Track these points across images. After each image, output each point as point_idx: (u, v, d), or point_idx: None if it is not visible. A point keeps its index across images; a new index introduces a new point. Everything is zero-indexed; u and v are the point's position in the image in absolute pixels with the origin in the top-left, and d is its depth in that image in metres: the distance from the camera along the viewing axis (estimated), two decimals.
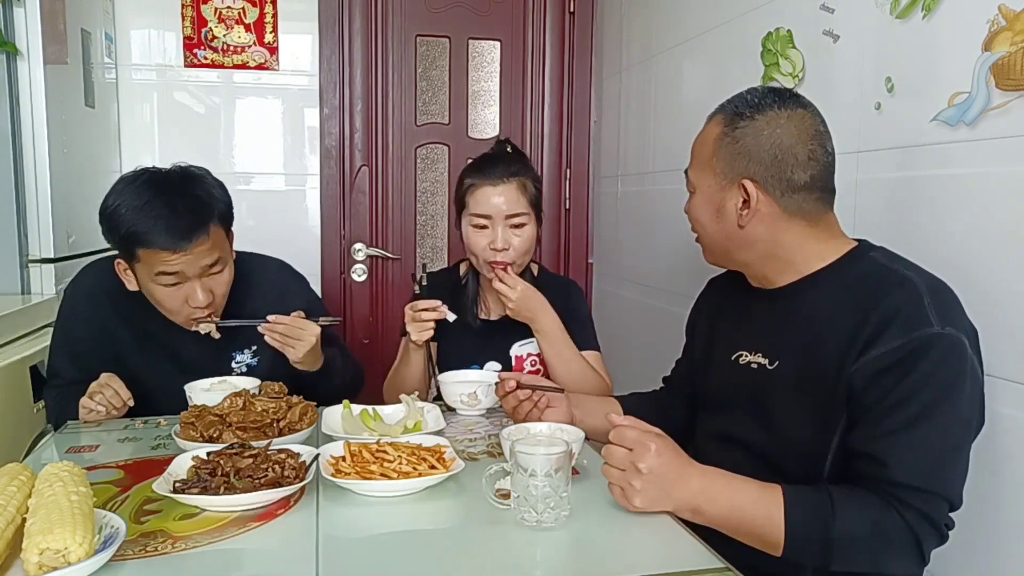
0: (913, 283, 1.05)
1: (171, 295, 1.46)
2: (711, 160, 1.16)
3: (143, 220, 1.38)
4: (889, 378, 1.01)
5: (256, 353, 1.63)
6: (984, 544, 1.19)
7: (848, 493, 1.02)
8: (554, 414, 1.33)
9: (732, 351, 1.25)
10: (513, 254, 1.61)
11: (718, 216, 1.17)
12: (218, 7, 2.62)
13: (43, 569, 0.80)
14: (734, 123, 1.14)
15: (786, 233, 1.14)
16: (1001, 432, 1.15)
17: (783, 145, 1.11)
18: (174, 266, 1.41)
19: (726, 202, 1.16)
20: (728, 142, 1.14)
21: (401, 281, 2.84)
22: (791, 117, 1.12)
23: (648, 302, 2.41)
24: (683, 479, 1.03)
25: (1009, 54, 1.14)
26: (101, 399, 1.44)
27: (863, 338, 1.03)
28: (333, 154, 2.76)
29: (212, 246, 1.44)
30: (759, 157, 1.12)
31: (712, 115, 1.20)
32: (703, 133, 1.20)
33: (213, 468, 1.07)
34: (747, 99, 1.15)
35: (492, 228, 1.61)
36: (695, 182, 1.21)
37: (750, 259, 1.20)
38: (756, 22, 1.80)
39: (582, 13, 2.86)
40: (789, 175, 1.11)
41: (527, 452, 0.99)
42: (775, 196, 1.12)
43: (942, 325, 1.00)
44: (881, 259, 1.12)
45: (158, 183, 1.43)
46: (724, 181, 1.15)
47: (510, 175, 1.61)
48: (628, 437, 1.03)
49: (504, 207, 1.60)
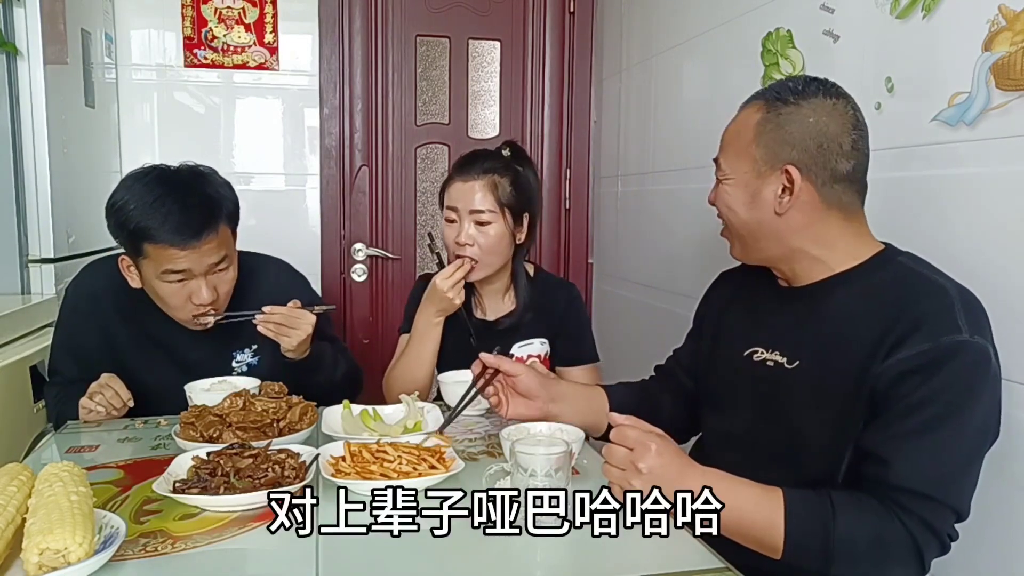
0: (945, 290, 1.04)
1: (175, 292, 1.46)
2: (750, 146, 1.13)
3: (153, 216, 1.38)
4: (912, 381, 1.00)
5: (257, 352, 1.63)
6: (990, 552, 1.19)
7: (849, 498, 1.02)
8: (524, 407, 1.29)
9: (745, 347, 1.23)
10: (477, 251, 1.62)
11: (753, 203, 1.14)
12: (218, 7, 2.62)
13: (43, 569, 0.80)
14: (777, 109, 1.11)
15: (822, 225, 1.12)
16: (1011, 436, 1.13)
17: (828, 133, 1.09)
18: (182, 263, 1.41)
19: (763, 189, 1.12)
20: (771, 128, 1.11)
21: (401, 281, 2.84)
22: (835, 106, 1.10)
23: (648, 302, 2.40)
24: (683, 480, 1.02)
25: (1009, 54, 1.14)
26: (101, 399, 1.44)
27: (890, 341, 1.02)
28: (333, 154, 2.76)
29: (219, 244, 1.45)
30: (804, 144, 1.09)
31: (748, 102, 1.17)
32: (739, 120, 1.17)
33: (213, 468, 1.07)
34: (789, 86, 1.13)
35: (459, 222, 1.63)
36: (728, 169, 1.17)
37: (782, 252, 1.16)
38: (756, 22, 1.79)
39: (582, 13, 2.86)
40: (833, 164, 1.09)
41: (527, 452, 0.99)
42: (816, 185, 1.10)
43: (971, 333, 0.99)
44: (910, 264, 1.11)
45: (168, 180, 1.44)
46: (764, 167, 1.12)
47: (483, 172, 1.62)
48: (629, 437, 1.03)
49: (470, 202, 1.61)
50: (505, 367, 1.30)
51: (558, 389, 1.34)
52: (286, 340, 1.50)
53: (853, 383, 1.06)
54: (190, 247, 1.40)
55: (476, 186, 1.62)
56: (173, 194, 1.40)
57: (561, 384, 1.38)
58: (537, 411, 1.30)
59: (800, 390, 1.13)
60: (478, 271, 1.64)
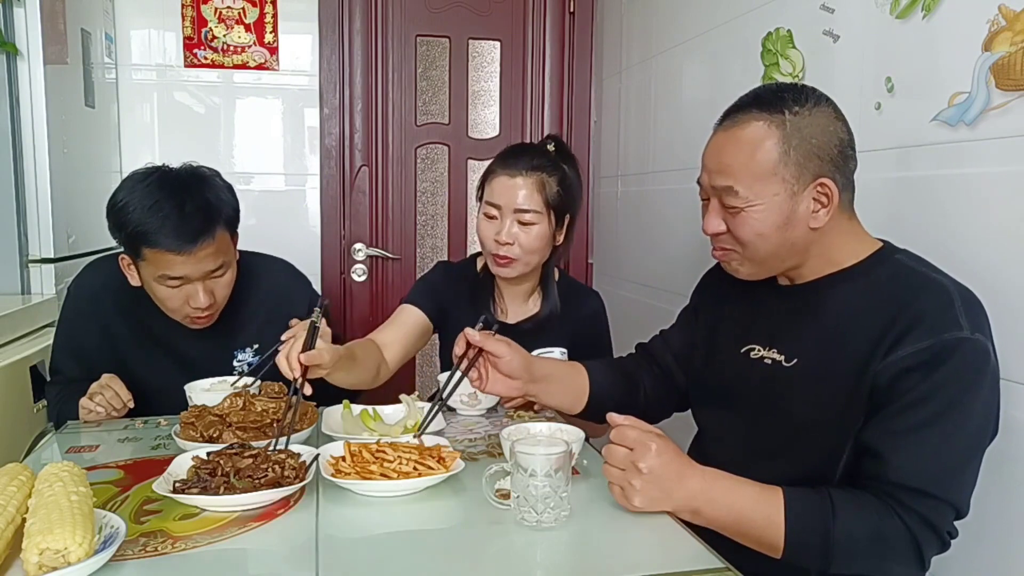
0: (945, 287, 1.04)
1: (172, 296, 1.46)
2: (776, 167, 1.07)
3: (151, 220, 1.39)
4: (912, 378, 1.00)
5: (258, 352, 1.63)
6: (989, 550, 1.19)
7: (849, 496, 1.02)
8: (499, 386, 1.26)
9: (742, 345, 1.23)
10: (518, 250, 1.56)
11: (787, 224, 1.09)
12: (218, 7, 2.62)
13: (43, 569, 0.80)
14: (792, 123, 1.07)
15: (835, 227, 1.12)
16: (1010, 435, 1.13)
17: (843, 137, 1.09)
18: (178, 269, 1.42)
19: (798, 207, 1.09)
20: (796, 144, 1.07)
21: (401, 281, 2.84)
22: (834, 109, 1.10)
23: (648, 302, 2.40)
24: (683, 480, 1.02)
25: (1009, 54, 1.14)
26: (101, 400, 1.44)
27: (891, 338, 1.02)
28: (333, 154, 2.76)
29: (217, 250, 1.45)
30: (829, 153, 1.07)
31: (744, 120, 1.10)
32: (747, 142, 1.09)
33: (213, 468, 1.07)
34: (785, 97, 1.09)
35: (501, 219, 1.56)
36: (751, 195, 1.09)
37: (801, 260, 1.15)
38: (756, 22, 1.80)
39: (582, 13, 2.86)
40: (851, 167, 1.10)
41: (527, 452, 0.99)
42: (841, 190, 1.09)
43: (971, 331, 0.99)
44: (909, 261, 1.11)
45: (168, 183, 1.43)
46: (796, 186, 1.08)
47: (531, 169, 1.55)
48: (629, 436, 1.03)
49: (515, 200, 1.55)
50: (489, 346, 1.22)
51: (540, 370, 1.31)
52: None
53: (853, 380, 1.05)
54: (186, 252, 1.40)
55: (523, 183, 1.54)
56: (172, 199, 1.40)
57: (544, 364, 1.35)
58: (515, 390, 1.27)
59: (798, 388, 1.13)
60: (514, 268, 1.59)
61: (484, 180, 1.62)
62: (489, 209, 1.58)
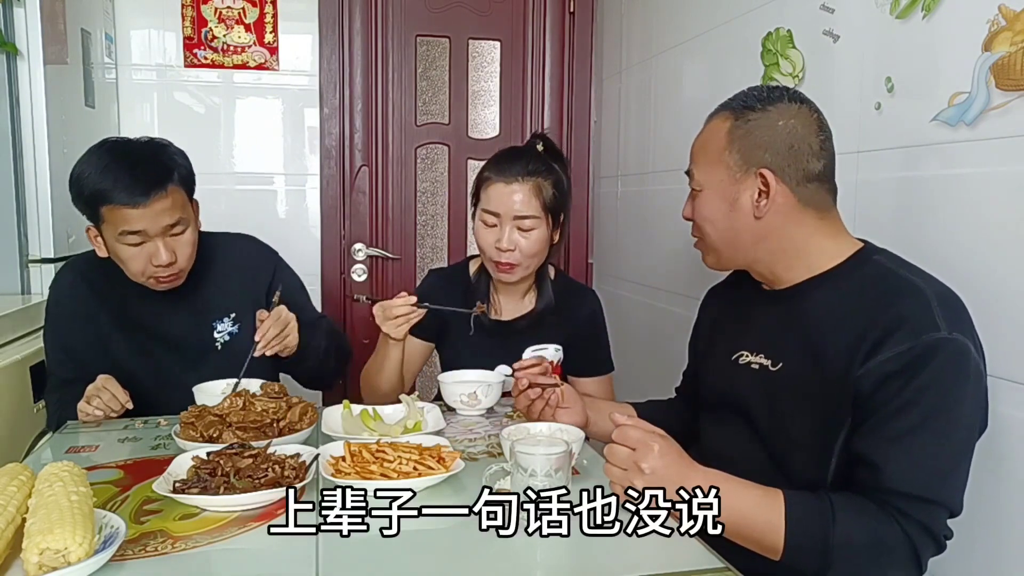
0: (921, 290, 1.04)
1: (135, 256, 1.49)
2: (722, 154, 1.15)
3: (104, 179, 1.44)
4: (895, 383, 1.01)
5: (236, 320, 1.66)
6: (984, 548, 1.19)
7: (849, 500, 1.02)
8: (567, 415, 1.34)
9: (732, 351, 1.25)
10: (519, 255, 1.57)
11: (731, 210, 1.16)
12: (218, 7, 2.62)
13: (43, 569, 0.80)
14: (745, 115, 1.14)
15: (799, 225, 1.14)
16: (1002, 433, 1.15)
17: (798, 134, 1.12)
18: (136, 223, 1.45)
19: (740, 195, 1.15)
20: (742, 134, 1.13)
21: (401, 281, 2.84)
22: (800, 110, 1.13)
23: (648, 302, 2.40)
24: (685, 480, 1.02)
25: (1009, 54, 1.14)
26: (99, 403, 1.45)
27: (870, 341, 1.03)
28: (333, 154, 2.76)
29: (172, 205, 1.48)
30: (775, 147, 1.12)
31: (714, 113, 1.20)
32: (707, 131, 1.20)
33: (213, 468, 1.07)
34: (754, 94, 1.16)
35: (500, 227, 1.57)
36: (702, 180, 1.19)
37: (761, 255, 1.18)
38: (756, 22, 1.80)
39: (582, 13, 2.86)
40: (804, 164, 1.12)
41: (527, 452, 0.99)
42: (791, 186, 1.12)
43: (949, 330, 1.00)
44: (888, 263, 1.11)
45: (119, 148, 1.50)
46: (739, 173, 1.14)
47: (526, 175, 1.55)
48: (631, 437, 1.03)
49: (514, 207, 1.55)
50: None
51: (592, 401, 1.44)
52: (290, 346, 1.53)
53: (834, 385, 1.06)
54: (141, 205, 1.44)
55: (519, 189, 1.55)
56: (124, 160, 1.46)
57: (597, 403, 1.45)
58: (579, 417, 1.36)
59: (785, 392, 1.14)
60: (516, 273, 1.60)
61: (478, 186, 1.62)
62: (487, 217, 1.58)
